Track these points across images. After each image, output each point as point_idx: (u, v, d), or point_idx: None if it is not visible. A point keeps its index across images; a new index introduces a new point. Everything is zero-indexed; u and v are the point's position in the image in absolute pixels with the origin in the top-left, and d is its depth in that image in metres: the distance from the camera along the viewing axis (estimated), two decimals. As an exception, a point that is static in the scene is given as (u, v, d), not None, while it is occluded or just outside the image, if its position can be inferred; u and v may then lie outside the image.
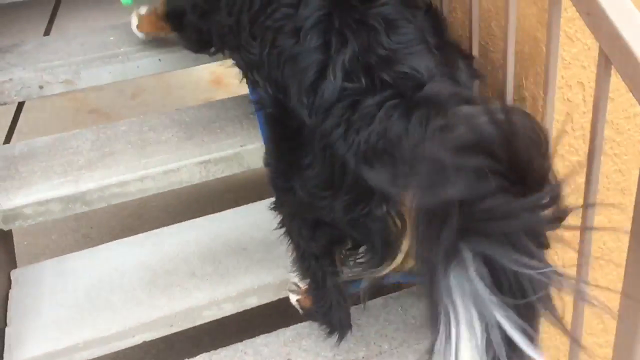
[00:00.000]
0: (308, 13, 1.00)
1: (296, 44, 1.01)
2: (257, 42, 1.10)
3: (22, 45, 1.87)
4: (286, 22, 1.04)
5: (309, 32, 0.99)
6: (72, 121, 3.34)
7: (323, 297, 1.28)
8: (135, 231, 2.56)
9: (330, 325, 1.34)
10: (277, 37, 1.04)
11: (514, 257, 0.71)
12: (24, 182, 1.54)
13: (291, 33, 1.02)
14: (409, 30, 0.99)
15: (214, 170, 1.62)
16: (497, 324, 0.70)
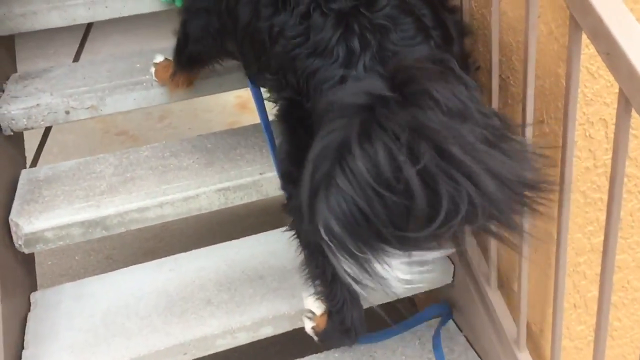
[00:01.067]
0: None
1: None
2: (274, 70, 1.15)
3: (51, 71, 1.91)
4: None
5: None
6: (100, 142, 3.41)
7: (334, 295, 1.30)
8: (156, 254, 2.59)
9: (344, 325, 1.33)
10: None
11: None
12: (46, 206, 1.57)
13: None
14: (410, 26, 1.05)
15: (233, 197, 1.63)
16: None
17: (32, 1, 1.90)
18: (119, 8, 1.93)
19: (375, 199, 0.81)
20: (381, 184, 0.81)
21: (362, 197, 0.81)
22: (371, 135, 0.82)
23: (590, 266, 1.27)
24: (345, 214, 0.82)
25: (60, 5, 1.88)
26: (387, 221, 0.83)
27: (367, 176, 0.81)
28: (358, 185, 0.81)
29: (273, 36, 1.14)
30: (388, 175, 0.80)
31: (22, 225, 1.51)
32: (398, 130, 0.82)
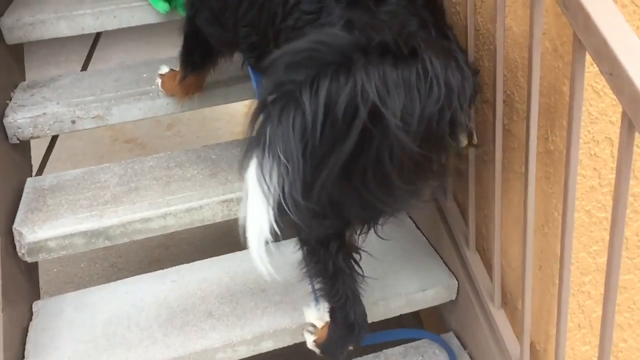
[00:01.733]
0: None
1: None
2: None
3: (59, 79, 1.92)
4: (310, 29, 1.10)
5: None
6: (109, 150, 3.43)
7: (337, 290, 1.30)
8: (162, 263, 2.60)
9: (348, 320, 1.33)
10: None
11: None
12: (50, 215, 1.57)
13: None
14: (413, 24, 1.07)
15: (236, 209, 1.62)
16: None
17: (41, 10, 1.91)
18: (127, 18, 1.94)
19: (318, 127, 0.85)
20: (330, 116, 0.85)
21: (310, 120, 0.84)
22: (351, 71, 0.84)
23: (596, 286, 1.25)
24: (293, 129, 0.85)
25: (68, 15, 1.89)
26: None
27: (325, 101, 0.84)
28: (315, 107, 0.84)
29: (288, 8, 1.14)
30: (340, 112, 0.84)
31: (26, 234, 1.51)
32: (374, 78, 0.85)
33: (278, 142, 0.85)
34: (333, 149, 0.88)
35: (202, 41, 1.56)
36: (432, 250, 1.64)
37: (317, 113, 0.84)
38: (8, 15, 1.89)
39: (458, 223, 1.52)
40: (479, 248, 1.48)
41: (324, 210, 0.99)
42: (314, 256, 1.28)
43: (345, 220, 1.18)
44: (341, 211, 1.09)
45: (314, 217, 1.00)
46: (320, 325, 1.42)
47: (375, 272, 1.58)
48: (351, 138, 0.86)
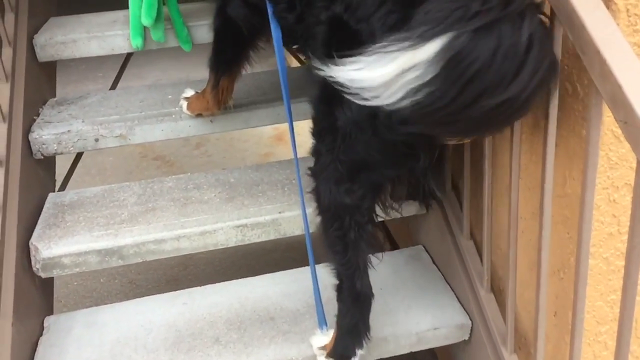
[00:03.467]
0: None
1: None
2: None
3: (87, 97, 1.96)
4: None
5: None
6: (137, 166, 3.48)
7: (349, 260, 1.29)
8: (179, 282, 2.60)
9: (354, 290, 1.33)
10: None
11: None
12: (67, 232, 1.59)
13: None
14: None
15: (250, 235, 1.62)
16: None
17: (74, 30, 1.96)
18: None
19: None
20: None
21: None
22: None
23: (613, 336, 1.18)
24: None
25: (100, 35, 1.93)
26: None
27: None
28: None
29: None
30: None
31: (41, 249, 1.53)
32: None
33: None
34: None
35: (233, 34, 1.57)
36: (447, 287, 1.60)
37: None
38: (41, 33, 1.95)
39: (474, 261, 1.48)
40: (495, 289, 1.44)
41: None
42: (334, 222, 1.24)
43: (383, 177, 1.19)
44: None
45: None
46: (328, 341, 1.40)
47: (386, 307, 1.55)
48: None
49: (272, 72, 2.06)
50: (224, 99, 1.73)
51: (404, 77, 0.87)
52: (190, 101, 1.81)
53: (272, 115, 1.85)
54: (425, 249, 1.75)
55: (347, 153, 1.16)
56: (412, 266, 1.70)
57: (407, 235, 1.94)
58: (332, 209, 1.25)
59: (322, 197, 1.26)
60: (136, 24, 1.83)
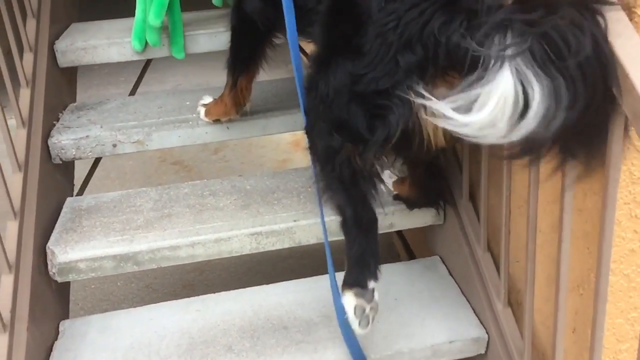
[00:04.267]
0: None
1: None
2: None
3: (106, 103, 1.98)
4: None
5: None
6: (156, 171, 3.50)
7: (350, 195, 1.34)
8: (195, 287, 2.61)
9: (357, 215, 1.35)
10: None
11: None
12: (83, 236, 1.60)
13: None
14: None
15: (265, 243, 1.61)
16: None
17: (94, 36, 1.98)
18: (175, 47, 1.98)
19: None
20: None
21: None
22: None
23: (633, 354, 1.16)
24: None
25: (120, 42, 1.95)
26: None
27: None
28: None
29: None
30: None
31: (58, 254, 1.54)
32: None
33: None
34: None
35: (249, 31, 1.60)
36: (464, 300, 1.58)
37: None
38: (62, 39, 1.97)
39: (491, 274, 1.45)
40: (512, 302, 1.42)
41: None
42: (328, 165, 1.31)
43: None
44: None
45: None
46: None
47: (401, 318, 1.54)
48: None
49: (289, 80, 2.06)
50: (242, 100, 1.73)
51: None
52: (208, 107, 1.81)
53: (289, 122, 1.85)
54: (442, 260, 1.72)
55: (329, 114, 1.24)
56: (428, 277, 1.67)
57: (423, 245, 1.92)
58: (324, 153, 1.31)
59: (316, 148, 1.33)
60: (139, 28, 1.84)
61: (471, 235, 1.53)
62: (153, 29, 1.84)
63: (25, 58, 1.77)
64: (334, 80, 1.20)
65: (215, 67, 1.96)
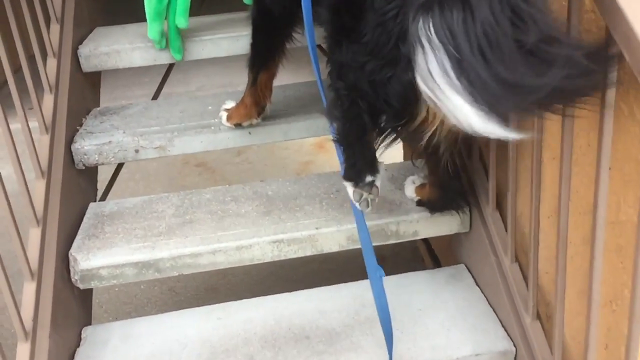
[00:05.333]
0: None
1: None
2: None
3: (129, 108, 1.98)
4: None
5: None
6: (179, 172, 3.51)
7: (356, 148, 1.40)
8: (218, 291, 2.60)
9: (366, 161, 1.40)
10: None
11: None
12: (105, 243, 1.60)
13: None
14: None
15: (287, 250, 1.59)
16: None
17: (118, 40, 1.98)
18: (198, 51, 1.97)
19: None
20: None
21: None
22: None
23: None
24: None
25: (142, 46, 1.95)
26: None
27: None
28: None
29: None
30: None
31: (80, 260, 1.54)
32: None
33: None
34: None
35: (268, 25, 1.62)
36: (490, 310, 1.53)
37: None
38: (86, 44, 1.97)
39: (519, 286, 1.41)
40: (541, 315, 1.37)
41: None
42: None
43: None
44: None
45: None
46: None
47: (425, 329, 1.50)
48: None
49: (311, 84, 2.03)
50: (263, 98, 1.73)
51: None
52: (230, 112, 1.80)
53: (312, 127, 1.82)
54: (468, 268, 1.68)
55: (333, 56, 1.33)
56: (453, 286, 1.63)
57: (448, 251, 1.87)
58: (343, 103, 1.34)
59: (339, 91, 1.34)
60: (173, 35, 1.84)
61: (498, 244, 1.49)
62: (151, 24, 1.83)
63: (49, 63, 1.77)
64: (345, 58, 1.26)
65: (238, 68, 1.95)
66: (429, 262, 2.30)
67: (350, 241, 1.60)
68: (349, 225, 1.59)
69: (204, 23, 2.04)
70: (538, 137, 1.22)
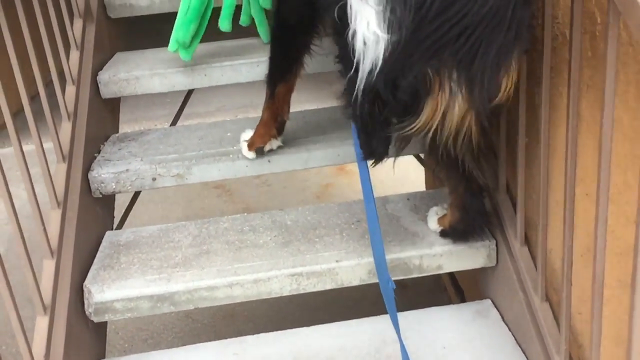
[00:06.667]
0: None
1: None
2: None
3: (147, 134, 1.96)
4: None
5: None
6: (198, 194, 3.49)
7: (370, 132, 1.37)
8: (234, 317, 2.56)
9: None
10: None
11: None
12: (120, 274, 1.56)
13: None
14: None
15: (306, 284, 1.54)
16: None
17: (137, 66, 1.97)
18: (217, 77, 1.95)
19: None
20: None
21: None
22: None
23: None
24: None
25: (162, 72, 1.93)
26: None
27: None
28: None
29: None
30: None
31: (94, 293, 1.51)
32: None
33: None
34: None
35: (288, 37, 1.63)
36: (518, 350, 1.46)
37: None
38: (106, 70, 1.96)
39: (549, 326, 1.34)
40: (574, 358, 1.30)
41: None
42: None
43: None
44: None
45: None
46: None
47: (450, 369, 1.43)
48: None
49: (332, 109, 1.99)
50: (281, 111, 1.70)
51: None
52: (250, 138, 1.75)
53: (332, 156, 1.78)
54: (494, 304, 1.61)
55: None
56: (479, 323, 1.57)
57: (473, 283, 1.81)
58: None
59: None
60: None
61: (527, 281, 1.42)
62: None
63: (68, 90, 1.76)
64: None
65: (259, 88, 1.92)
66: (452, 292, 2.23)
67: (371, 275, 1.55)
68: (370, 259, 1.53)
69: (224, 48, 2.02)
70: (571, 172, 1.16)
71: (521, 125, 1.38)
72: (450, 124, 1.23)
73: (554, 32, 1.25)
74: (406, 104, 1.20)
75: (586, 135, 1.18)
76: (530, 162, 1.41)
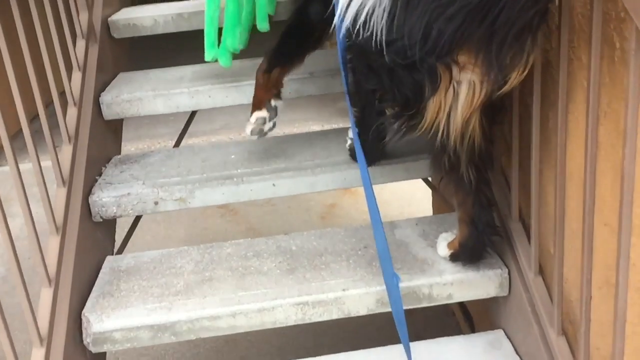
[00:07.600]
0: None
1: None
2: None
3: (150, 156, 1.92)
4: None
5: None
6: (202, 214, 3.45)
7: (367, 125, 1.48)
8: (236, 343, 2.50)
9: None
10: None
11: None
12: (120, 302, 1.51)
13: None
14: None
15: (311, 313, 1.49)
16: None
17: (140, 87, 1.94)
18: (222, 98, 1.92)
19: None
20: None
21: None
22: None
23: None
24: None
25: (165, 93, 1.90)
26: None
27: None
28: None
29: None
30: None
31: (93, 322, 1.46)
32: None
33: None
34: None
35: (303, 32, 1.64)
36: (533, 385, 1.40)
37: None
38: (108, 91, 1.93)
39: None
40: None
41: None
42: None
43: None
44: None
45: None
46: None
47: (462, 405, 1.37)
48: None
49: (338, 131, 1.96)
50: (271, 92, 1.69)
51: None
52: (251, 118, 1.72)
53: (339, 179, 1.74)
54: (507, 335, 1.56)
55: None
56: (492, 355, 1.51)
57: (484, 313, 1.75)
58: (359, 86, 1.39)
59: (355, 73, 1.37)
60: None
61: (542, 313, 1.37)
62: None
63: (69, 113, 1.72)
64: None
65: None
66: (461, 318, 2.17)
67: (379, 304, 1.50)
68: (378, 287, 1.48)
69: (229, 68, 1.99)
70: (590, 203, 1.11)
71: (534, 149, 1.34)
72: (455, 126, 1.23)
73: (570, 56, 1.21)
74: (408, 99, 1.19)
75: (604, 163, 1.13)
76: (544, 189, 1.36)
